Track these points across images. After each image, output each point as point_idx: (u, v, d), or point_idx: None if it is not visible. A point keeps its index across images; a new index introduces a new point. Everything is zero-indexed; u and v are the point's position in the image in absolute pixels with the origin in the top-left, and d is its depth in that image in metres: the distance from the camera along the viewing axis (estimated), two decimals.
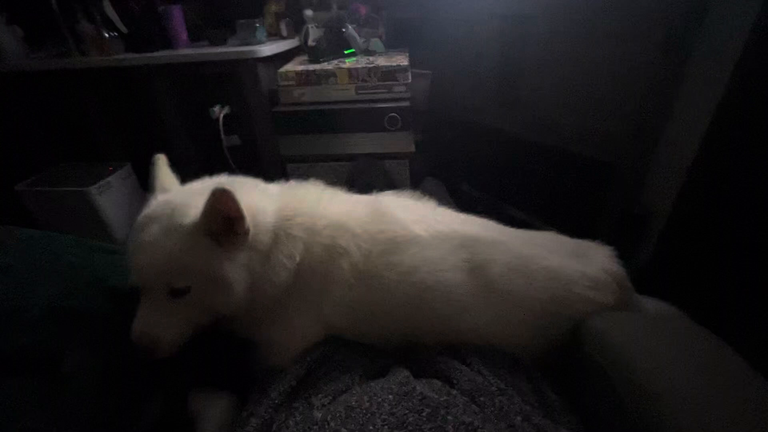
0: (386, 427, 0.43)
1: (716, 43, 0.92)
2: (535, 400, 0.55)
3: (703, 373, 0.50)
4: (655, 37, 1.01)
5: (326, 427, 0.46)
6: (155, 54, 1.50)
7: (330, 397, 0.52)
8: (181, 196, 0.59)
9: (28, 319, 0.51)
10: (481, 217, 0.73)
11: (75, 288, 0.60)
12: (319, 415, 0.48)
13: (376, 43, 1.59)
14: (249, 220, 0.55)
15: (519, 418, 0.46)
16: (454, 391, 0.50)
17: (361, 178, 1.12)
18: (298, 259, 0.60)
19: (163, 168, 0.64)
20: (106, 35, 1.52)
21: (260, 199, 0.61)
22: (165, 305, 0.55)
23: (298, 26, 1.66)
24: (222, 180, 0.63)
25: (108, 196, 1.58)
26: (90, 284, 0.62)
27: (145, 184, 0.64)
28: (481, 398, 0.49)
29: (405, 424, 0.44)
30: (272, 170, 1.54)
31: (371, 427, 0.44)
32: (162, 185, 0.62)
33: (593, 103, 1.22)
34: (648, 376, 0.49)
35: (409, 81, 1.37)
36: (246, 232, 0.55)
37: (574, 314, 0.62)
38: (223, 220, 0.53)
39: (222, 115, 1.62)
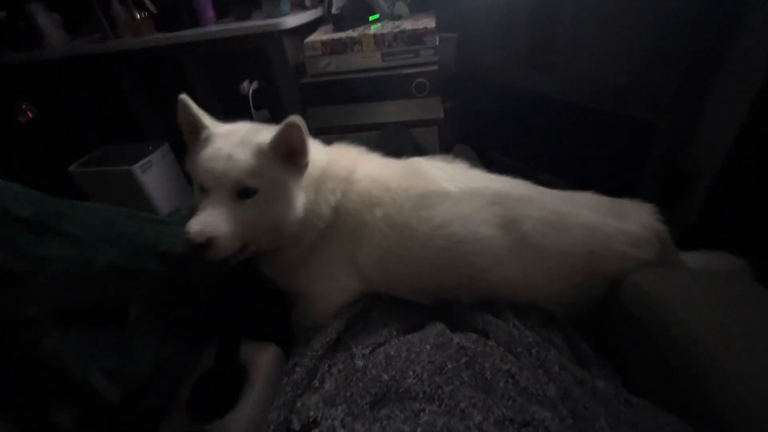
0: (426, 373, 0.45)
1: None
2: (571, 354, 0.56)
3: (749, 326, 0.48)
4: None
5: (368, 373, 0.48)
6: (184, 33, 1.52)
7: (370, 348, 0.54)
8: (247, 126, 0.64)
9: (93, 278, 0.56)
10: None
11: (131, 252, 0.65)
12: (361, 363, 0.51)
13: (400, 7, 1.54)
14: (309, 155, 0.59)
15: (556, 367, 0.47)
16: (491, 342, 0.51)
17: (390, 145, 1.12)
18: (339, 196, 0.64)
19: (195, 106, 0.65)
20: (138, 16, 1.56)
21: (313, 143, 0.66)
22: (228, 205, 0.57)
23: None
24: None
25: (150, 173, 1.67)
26: (144, 249, 0.67)
27: (182, 161, 0.68)
28: (518, 349, 0.50)
29: (444, 371, 0.46)
30: None
31: (411, 374, 0.46)
32: (210, 121, 0.64)
33: (635, 59, 1.14)
34: (694, 332, 0.48)
35: (437, 44, 1.33)
36: (305, 164, 0.60)
37: (612, 271, 0.61)
38: (288, 149, 0.58)
39: (251, 91, 1.64)
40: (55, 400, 0.49)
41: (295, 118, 0.55)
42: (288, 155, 0.58)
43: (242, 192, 0.57)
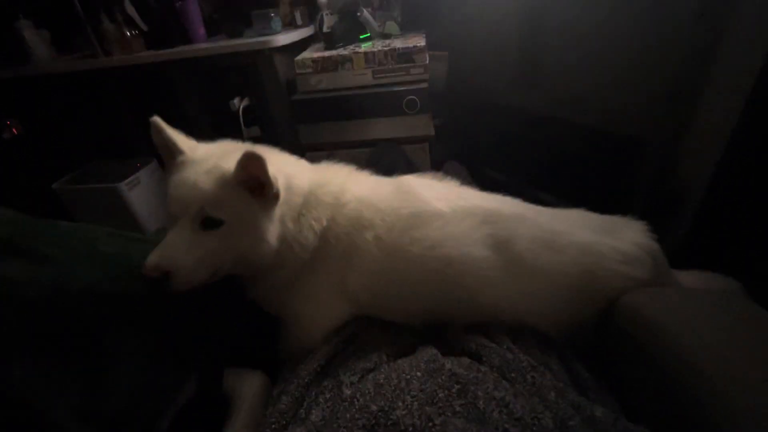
0: (416, 403, 0.43)
1: (756, 7, 0.86)
2: (568, 378, 0.54)
3: (745, 345, 0.47)
4: (690, 1, 0.95)
5: (355, 403, 0.46)
6: (174, 50, 1.52)
7: (358, 375, 0.52)
8: (225, 148, 0.62)
9: (69, 302, 0.54)
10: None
11: (113, 274, 0.62)
12: (348, 392, 0.49)
13: (391, 26, 1.56)
14: (282, 182, 0.57)
15: (552, 393, 0.45)
16: (484, 368, 0.49)
17: (382, 162, 1.12)
18: (324, 223, 0.62)
19: (169, 128, 0.62)
20: (128, 34, 1.56)
21: (296, 165, 0.66)
22: (192, 236, 0.55)
23: (312, 14, 1.65)
24: (261, 148, 0.63)
25: (137, 190, 1.64)
26: (127, 271, 0.64)
27: None
28: (512, 374, 0.49)
29: (435, 401, 0.43)
30: None
31: (401, 404, 0.44)
32: (185, 142, 0.61)
33: (622, 76, 1.16)
34: (688, 350, 0.47)
35: (427, 62, 1.34)
36: (275, 196, 0.57)
37: (606, 290, 0.60)
38: (252, 180, 0.55)
39: (242, 107, 1.63)
40: None
41: (253, 151, 0.51)
42: (255, 186, 0.56)
43: (207, 222, 0.55)
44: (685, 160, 1.09)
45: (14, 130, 1.85)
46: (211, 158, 0.58)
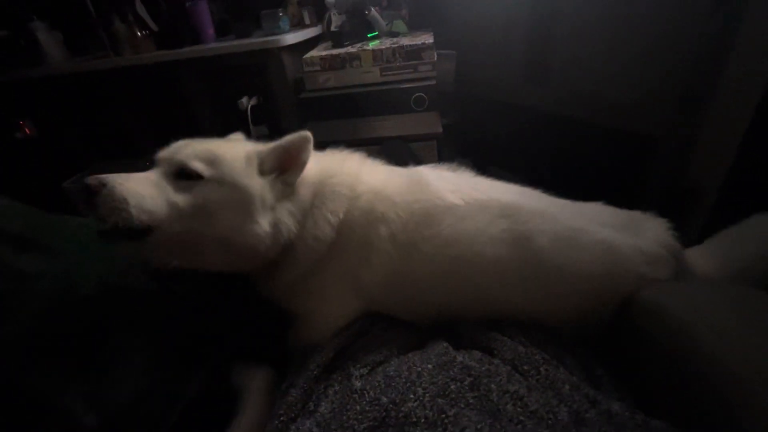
0: (427, 395, 0.42)
1: None
2: (582, 374, 0.53)
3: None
4: None
5: (365, 396, 0.45)
6: (184, 50, 1.54)
7: (368, 368, 0.51)
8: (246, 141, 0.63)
9: (79, 295, 0.54)
10: None
11: (121, 268, 0.62)
12: (358, 384, 0.48)
13: (398, 24, 1.56)
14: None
15: (567, 386, 0.44)
16: (496, 361, 0.48)
17: (391, 161, 1.11)
18: (341, 216, 0.59)
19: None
20: (139, 34, 1.58)
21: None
22: (159, 181, 0.52)
23: (320, 14, 1.66)
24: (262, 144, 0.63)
25: None
26: (135, 265, 0.65)
27: None
28: (525, 367, 0.47)
29: (447, 393, 0.42)
30: None
31: (411, 396, 0.43)
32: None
33: (633, 73, 1.14)
34: (712, 346, 0.45)
35: (435, 59, 1.34)
36: (292, 185, 0.57)
37: (626, 291, 0.58)
38: (280, 163, 0.55)
39: (250, 106, 1.64)
40: (29, 426, 0.45)
41: (308, 132, 0.52)
42: (277, 168, 0.55)
43: (180, 172, 0.52)
44: (699, 158, 1.07)
45: (27, 130, 1.88)
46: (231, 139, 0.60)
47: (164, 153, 0.55)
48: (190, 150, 0.54)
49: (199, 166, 0.52)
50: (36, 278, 0.52)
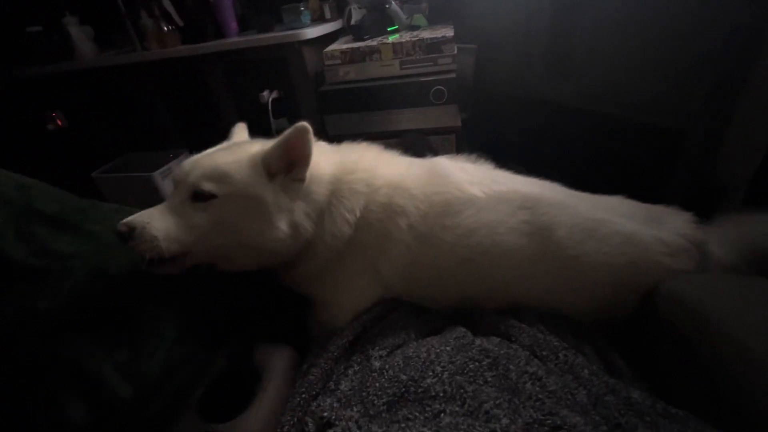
0: (446, 373, 0.43)
1: None
2: (601, 364, 0.53)
3: None
4: None
5: (385, 374, 0.46)
6: (208, 44, 1.57)
7: (387, 350, 0.52)
8: (249, 142, 0.65)
9: (111, 276, 0.56)
10: None
11: None
12: (377, 364, 0.49)
13: (419, 18, 1.56)
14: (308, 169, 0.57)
15: (586, 371, 0.44)
16: (515, 346, 0.49)
17: (409, 154, 1.11)
18: (358, 214, 0.60)
19: (241, 132, 0.69)
20: (165, 29, 1.62)
21: (318, 153, 0.60)
22: (178, 206, 0.54)
23: (341, 8, 1.67)
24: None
25: (170, 180, 1.70)
26: None
27: None
28: (544, 353, 0.48)
29: (465, 371, 0.43)
30: None
31: (430, 373, 0.43)
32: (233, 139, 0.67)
33: (659, 66, 1.11)
34: (737, 337, 0.44)
35: (455, 53, 1.33)
36: (302, 180, 0.57)
37: (648, 283, 0.57)
38: (286, 160, 0.55)
39: (271, 99, 1.67)
40: (68, 394, 0.48)
41: (305, 123, 0.52)
42: (284, 166, 0.56)
43: (196, 195, 0.54)
44: (727, 154, 1.04)
45: (59, 122, 1.96)
46: (234, 143, 0.60)
47: (177, 174, 0.57)
48: (199, 171, 0.55)
49: (210, 186, 0.54)
50: (70, 258, 0.54)
